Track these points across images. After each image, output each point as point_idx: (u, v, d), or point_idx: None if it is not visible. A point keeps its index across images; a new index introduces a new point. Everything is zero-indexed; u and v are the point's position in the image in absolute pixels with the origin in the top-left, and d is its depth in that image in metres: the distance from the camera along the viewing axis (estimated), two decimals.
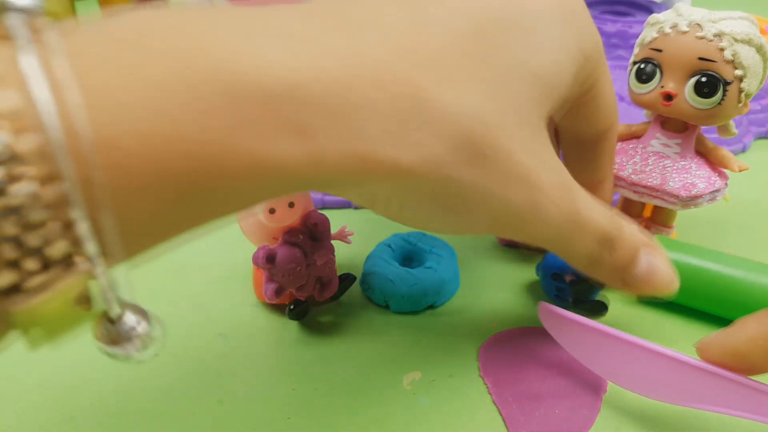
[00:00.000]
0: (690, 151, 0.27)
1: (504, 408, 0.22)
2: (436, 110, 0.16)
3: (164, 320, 0.27)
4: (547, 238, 0.20)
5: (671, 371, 0.20)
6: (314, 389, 0.23)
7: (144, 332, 0.14)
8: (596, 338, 0.22)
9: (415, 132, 0.15)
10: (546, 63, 0.18)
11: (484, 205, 0.18)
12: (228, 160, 0.13)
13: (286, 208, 0.22)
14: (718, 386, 0.19)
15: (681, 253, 0.26)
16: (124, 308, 0.14)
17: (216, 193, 0.14)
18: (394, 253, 0.28)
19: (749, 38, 0.24)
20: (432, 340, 0.25)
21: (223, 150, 0.13)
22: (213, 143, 0.13)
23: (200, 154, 0.13)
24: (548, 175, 0.19)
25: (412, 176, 0.16)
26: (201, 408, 0.22)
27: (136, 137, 0.12)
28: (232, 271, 0.29)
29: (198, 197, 0.14)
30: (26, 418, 0.22)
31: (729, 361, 0.19)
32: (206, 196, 0.14)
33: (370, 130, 0.15)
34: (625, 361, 0.21)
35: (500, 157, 0.17)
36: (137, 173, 0.12)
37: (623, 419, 0.22)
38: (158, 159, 0.12)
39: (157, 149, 0.12)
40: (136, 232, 0.14)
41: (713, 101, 0.25)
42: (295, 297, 0.25)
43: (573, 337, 0.23)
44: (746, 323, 0.19)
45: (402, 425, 0.22)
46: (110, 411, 0.22)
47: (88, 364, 0.24)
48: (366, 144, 0.15)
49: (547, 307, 0.23)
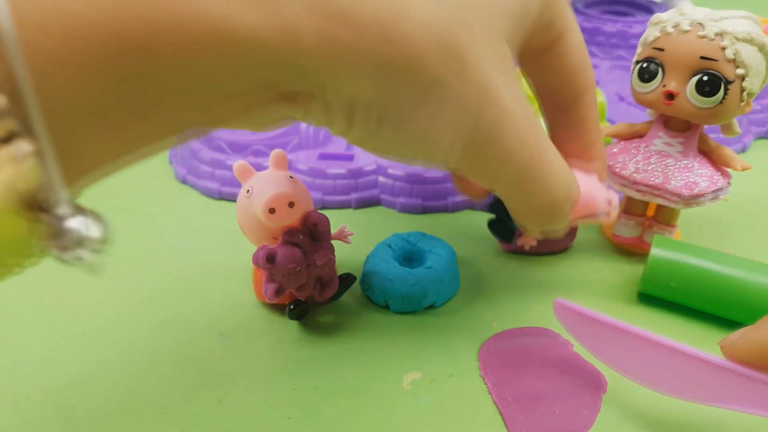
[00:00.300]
0: (693, 150, 0.27)
1: (504, 408, 0.22)
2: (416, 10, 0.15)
3: (162, 318, 0.28)
4: (513, 177, 0.19)
5: (696, 370, 0.20)
6: (314, 389, 0.23)
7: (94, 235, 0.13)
8: (619, 336, 0.21)
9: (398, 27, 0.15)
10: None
11: (460, 117, 0.17)
12: (188, 29, 0.12)
13: (286, 208, 0.22)
14: (744, 385, 0.19)
15: (682, 253, 0.26)
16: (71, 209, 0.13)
17: (176, 74, 0.13)
18: (394, 253, 0.28)
19: (751, 37, 0.24)
20: (432, 340, 0.25)
21: (184, 16, 0.12)
22: (173, 12, 0.12)
23: (158, 15, 0.12)
24: (516, 104, 0.18)
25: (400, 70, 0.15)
26: (201, 408, 0.22)
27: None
28: (232, 271, 0.29)
29: (155, 77, 0.13)
30: (26, 418, 0.22)
31: (756, 360, 0.19)
32: (164, 77, 0.13)
33: (350, 11, 0.14)
34: (647, 359, 0.21)
35: (479, 70, 0.17)
36: (86, 37, 0.11)
37: (623, 419, 0.22)
38: (111, 19, 0.12)
39: (107, 9, 0.11)
40: (88, 111, 0.12)
41: (715, 100, 0.25)
42: (295, 297, 0.25)
43: (592, 334, 0.22)
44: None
45: (402, 425, 0.22)
46: (110, 411, 0.22)
47: (88, 364, 0.24)
48: (350, 30, 0.14)
49: (563, 303, 0.23)
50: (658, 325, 0.26)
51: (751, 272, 0.25)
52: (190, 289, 0.28)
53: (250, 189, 0.23)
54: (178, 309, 0.27)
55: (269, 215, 0.22)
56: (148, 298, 0.27)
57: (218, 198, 0.35)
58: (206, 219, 0.33)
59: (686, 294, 0.26)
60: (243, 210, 0.23)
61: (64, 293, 0.27)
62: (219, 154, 0.35)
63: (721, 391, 0.20)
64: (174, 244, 0.31)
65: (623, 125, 0.29)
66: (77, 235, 0.13)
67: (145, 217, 0.33)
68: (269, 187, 0.22)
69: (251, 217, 0.23)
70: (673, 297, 0.26)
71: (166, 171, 0.37)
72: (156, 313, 0.27)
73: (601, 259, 0.30)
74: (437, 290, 0.26)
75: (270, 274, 0.23)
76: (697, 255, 0.26)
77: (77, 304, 0.27)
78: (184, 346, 0.25)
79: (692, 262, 0.26)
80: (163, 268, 0.29)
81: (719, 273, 0.25)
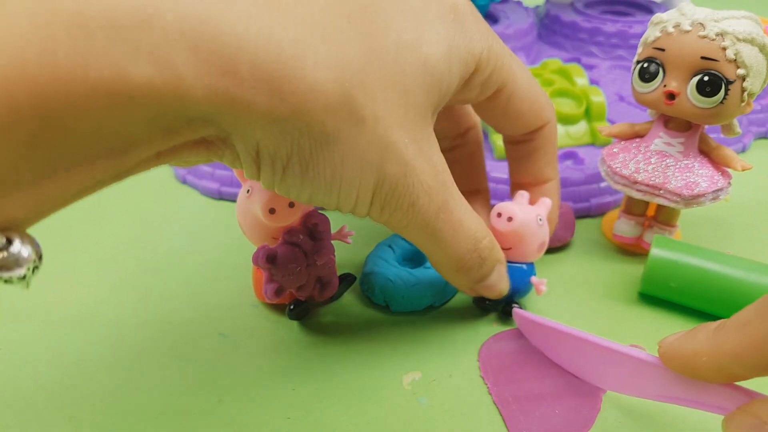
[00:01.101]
0: (693, 150, 0.27)
1: (504, 408, 0.22)
2: (299, 60, 0.16)
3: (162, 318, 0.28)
4: (422, 229, 0.21)
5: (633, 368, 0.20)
6: (314, 389, 0.23)
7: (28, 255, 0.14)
8: (565, 340, 0.23)
9: (289, 84, 0.16)
10: (436, 56, 0.19)
11: (362, 170, 0.18)
12: (79, 90, 0.13)
13: (286, 208, 0.22)
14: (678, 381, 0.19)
15: (682, 253, 0.26)
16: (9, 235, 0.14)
17: (75, 133, 0.13)
18: (394, 253, 0.28)
19: (752, 37, 0.24)
20: (432, 340, 0.25)
21: (74, 81, 0.13)
22: (61, 76, 0.13)
23: (48, 88, 0.13)
24: (422, 162, 0.19)
25: (294, 123, 0.16)
26: (201, 408, 0.22)
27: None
28: (232, 271, 0.29)
29: (55, 138, 0.13)
30: (26, 418, 0.22)
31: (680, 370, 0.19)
32: (64, 137, 0.13)
33: (239, 67, 0.15)
34: (590, 359, 0.22)
35: (378, 127, 0.18)
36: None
37: (623, 419, 0.22)
38: (3, 97, 0.12)
39: (0, 88, 0.12)
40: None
41: (715, 100, 0.25)
42: (295, 297, 0.25)
43: (545, 339, 0.24)
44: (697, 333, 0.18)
45: (402, 425, 0.22)
46: (110, 411, 0.22)
47: (87, 364, 0.24)
48: (233, 81, 0.15)
49: (519, 313, 0.25)
50: (658, 325, 0.26)
51: (751, 272, 0.25)
52: (190, 289, 0.28)
53: (250, 189, 0.23)
54: (178, 309, 0.27)
55: (269, 215, 0.22)
56: (148, 298, 0.27)
57: (218, 198, 0.35)
58: (206, 219, 0.33)
59: (686, 294, 0.26)
60: (243, 210, 0.23)
61: (63, 294, 0.27)
62: None
63: (660, 387, 0.20)
64: (174, 244, 0.31)
65: (623, 125, 0.29)
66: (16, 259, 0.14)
67: (145, 217, 0.33)
68: None
69: (251, 217, 0.23)
70: (673, 297, 0.26)
71: (166, 171, 0.37)
72: (156, 313, 0.27)
73: (601, 259, 0.30)
74: (437, 290, 0.26)
75: (270, 274, 0.23)
76: (697, 255, 0.26)
77: (77, 305, 0.27)
78: (184, 346, 0.25)
79: (692, 262, 0.26)
80: (163, 268, 0.29)
81: (719, 273, 0.25)
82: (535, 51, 0.48)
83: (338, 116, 0.17)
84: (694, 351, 0.18)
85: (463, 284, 0.24)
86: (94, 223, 0.32)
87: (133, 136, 0.15)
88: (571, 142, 0.35)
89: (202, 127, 0.16)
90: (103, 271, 0.29)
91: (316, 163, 0.18)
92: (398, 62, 0.18)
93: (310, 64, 0.16)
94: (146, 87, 0.14)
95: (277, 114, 0.16)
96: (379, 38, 0.18)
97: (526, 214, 0.25)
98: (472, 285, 0.24)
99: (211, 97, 0.15)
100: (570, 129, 0.35)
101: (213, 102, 0.15)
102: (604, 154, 0.29)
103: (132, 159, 0.15)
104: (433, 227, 0.21)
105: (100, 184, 0.15)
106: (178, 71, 0.14)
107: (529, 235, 0.25)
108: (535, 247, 0.25)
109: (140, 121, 0.14)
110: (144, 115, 0.14)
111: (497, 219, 0.25)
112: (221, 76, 0.15)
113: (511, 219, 0.24)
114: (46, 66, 0.13)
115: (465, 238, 0.22)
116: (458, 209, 0.21)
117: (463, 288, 0.24)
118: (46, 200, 0.14)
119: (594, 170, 0.33)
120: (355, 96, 0.17)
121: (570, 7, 0.51)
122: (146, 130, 0.15)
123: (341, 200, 0.19)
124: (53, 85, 0.13)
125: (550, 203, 0.26)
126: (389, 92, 0.18)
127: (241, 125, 0.16)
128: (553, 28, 0.50)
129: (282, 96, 0.16)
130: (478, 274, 0.23)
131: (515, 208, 0.25)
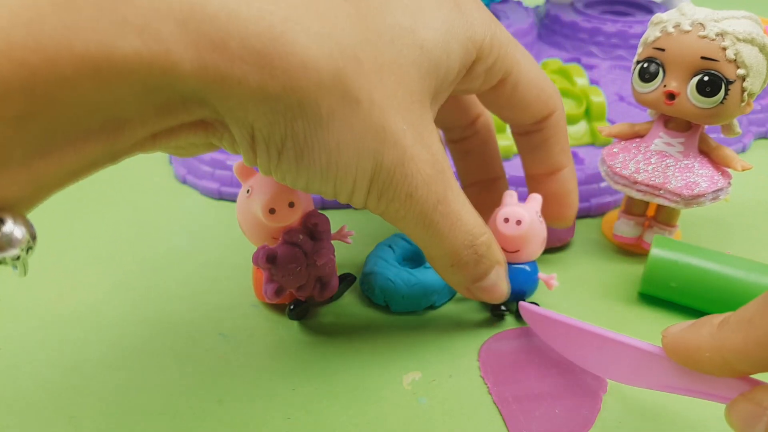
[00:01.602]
0: (693, 150, 0.27)
1: (504, 408, 0.22)
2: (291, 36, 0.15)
3: (162, 318, 0.28)
4: (419, 221, 0.20)
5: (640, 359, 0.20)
6: (314, 389, 0.23)
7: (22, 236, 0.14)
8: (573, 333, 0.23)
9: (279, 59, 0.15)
10: (434, 41, 0.19)
11: (359, 156, 0.18)
12: (65, 64, 0.13)
13: (286, 208, 0.22)
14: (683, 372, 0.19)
15: (682, 253, 0.26)
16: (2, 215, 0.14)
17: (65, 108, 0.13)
18: (394, 253, 0.28)
19: (752, 38, 0.24)
20: (432, 340, 0.25)
21: (60, 54, 0.13)
22: (47, 49, 0.13)
23: (34, 62, 0.13)
24: (421, 149, 0.19)
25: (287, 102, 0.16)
26: (201, 408, 0.22)
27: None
28: (232, 271, 0.29)
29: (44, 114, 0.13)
30: (26, 418, 0.22)
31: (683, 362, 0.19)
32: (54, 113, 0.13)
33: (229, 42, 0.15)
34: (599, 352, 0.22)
35: (374, 110, 0.17)
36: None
37: (623, 419, 0.22)
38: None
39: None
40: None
41: (715, 100, 0.25)
42: (295, 297, 0.25)
43: (553, 332, 0.24)
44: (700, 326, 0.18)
45: (402, 425, 0.22)
46: (110, 411, 0.22)
47: (87, 364, 0.24)
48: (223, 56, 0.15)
49: (526, 306, 0.25)
50: (658, 325, 0.26)
51: (751, 272, 0.25)
52: (190, 289, 0.28)
53: (250, 189, 0.23)
54: (178, 309, 0.27)
55: (269, 215, 0.22)
56: (147, 298, 0.27)
57: (218, 198, 0.35)
58: (206, 219, 0.33)
59: (686, 294, 0.26)
60: (243, 210, 0.23)
61: (64, 294, 0.27)
62: (219, 154, 0.35)
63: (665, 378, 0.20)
64: (174, 244, 0.31)
65: (623, 125, 0.29)
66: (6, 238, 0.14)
67: (145, 216, 0.33)
68: (269, 187, 0.22)
69: (251, 217, 0.23)
70: (673, 297, 0.26)
71: (166, 171, 0.37)
72: (156, 312, 0.27)
73: (601, 259, 0.30)
74: (437, 290, 0.26)
75: (270, 274, 0.23)
76: (697, 255, 0.26)
77: (77, 305, 0.27)
78: (184, 346, 0.25)
79: (692, 262, 0.26)
80: (163, 267, 0.29)
81: (719, 273, 0.25)
82: (535, 51, 0.48)
83: (332, 96, 0.16)
84: (698, 346, 0.18)
85: (459, 282, 0.23)
86: (94, 223, 0.32)
87: (124, 112, 0.14)
88: (571, 142, 0.35)
89: (197, 108, 0.16)
90: (103, 271, 0.29)
91: (311, 148, 0.17)
92: (394, 45, 0.18)
93: (302, 41, 0.16)
94: (134, 60, 0.14)
95: (268, 91, 0.16)
96: (374, 21, 0.18)
97: (530, 214, 0.25)
98: (468, 284, 0.23)
99: (200, 71, 0.15)
100: (570, 129, 0.35)
101: (202, 77, 0.15)
102: (604, 154, 0.29)
103: (126, 139, 0.15)
104: (431, 219, 0.20)
105: (95, 165, 0.15)
106: (167, 45, 0.14)
107: (535, 234, 0.25)
108: (539, 245, 0.25)
109: (130, 96, 0.14)
110: (133, 89, 0.14)
111: (505, 224, 0.24)
112: (210, 51, 0.14)
113: (520, 222, 0.24)
114: (32, 40, 0.12)
115: (462, 232, 0.21)
116: (456, 202, 0.21)
117: (459, 288, 0.24)
118: (40, 180, 0.14)
119: (594, 170, 0.33)
120: (349, 75, 0.17)
121: (570, 7, 0.51)
122: (138, 107, 0.14)
123: (338, 187, 0.19)
124: (40, 59, 0.13)
125: (540, 198, 0.26)
126: (385, 75, 0.18)
127: (234, 104, 0.16)
128: (553, 28, 0.50)
129: (273, 72, 0.15)
130: (474, 271, 0.23)
131: (521, 210, 0.24)
